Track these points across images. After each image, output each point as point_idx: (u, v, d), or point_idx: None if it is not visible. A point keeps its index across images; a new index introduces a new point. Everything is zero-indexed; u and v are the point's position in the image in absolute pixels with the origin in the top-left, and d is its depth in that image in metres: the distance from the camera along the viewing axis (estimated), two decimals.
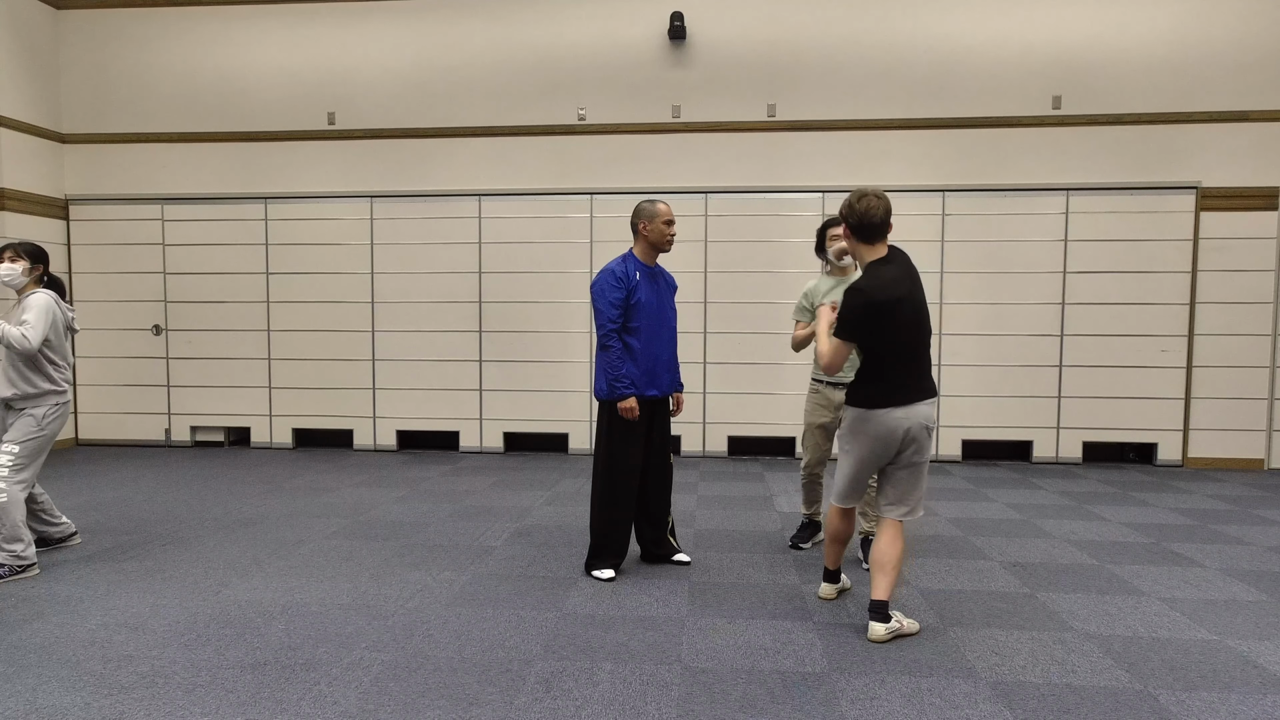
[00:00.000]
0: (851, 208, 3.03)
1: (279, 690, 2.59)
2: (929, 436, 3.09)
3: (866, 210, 3.00)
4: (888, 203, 3.04)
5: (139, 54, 7.34)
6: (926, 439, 3.08)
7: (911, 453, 3.07)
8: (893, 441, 3.07)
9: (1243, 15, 6.52)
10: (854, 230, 3.07)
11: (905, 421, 3.02)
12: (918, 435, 3.05)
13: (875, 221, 3.02)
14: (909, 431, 3.03)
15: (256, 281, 7.34)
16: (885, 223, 3.04)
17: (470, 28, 7.06)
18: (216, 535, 4.44)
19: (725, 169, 6.95)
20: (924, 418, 3.05)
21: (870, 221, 3.02)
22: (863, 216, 3.01)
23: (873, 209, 3.00)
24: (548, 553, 4.14)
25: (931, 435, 3.10)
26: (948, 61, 6.73)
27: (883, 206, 3.02)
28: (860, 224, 3.03)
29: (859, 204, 3.01)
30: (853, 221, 3.05)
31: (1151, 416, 6.72)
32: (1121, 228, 6.67)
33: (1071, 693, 2.62)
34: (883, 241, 3.09)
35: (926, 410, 3.06)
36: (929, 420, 3.07)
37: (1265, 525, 4.84)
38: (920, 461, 3.09)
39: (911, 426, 3.03)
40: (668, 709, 2.48)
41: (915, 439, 3.05)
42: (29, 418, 3.74)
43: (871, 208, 3.00)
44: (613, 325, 3.64)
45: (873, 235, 3.06)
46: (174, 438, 7.50)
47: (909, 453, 3.06)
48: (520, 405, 7.19)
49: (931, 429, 3.10)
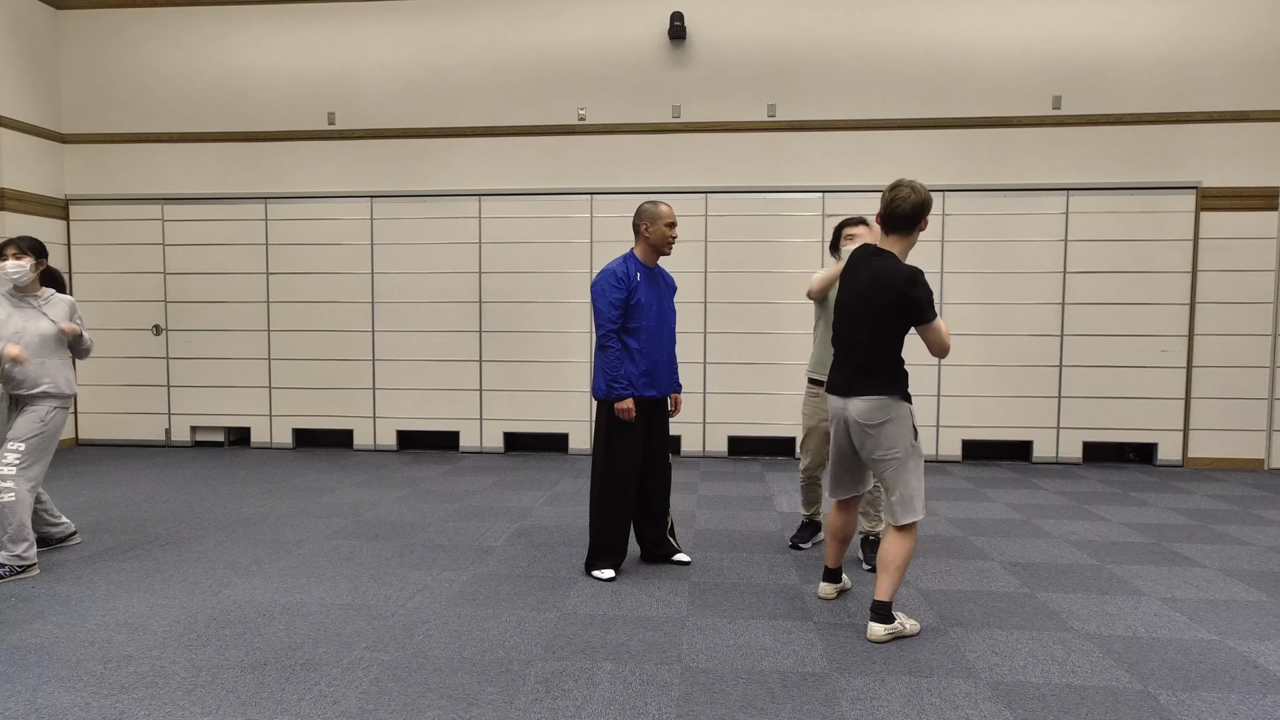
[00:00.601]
0: (885, 194, 3.02)
1: (279, 690, 2.59)
2: (867, 434, 2.98)
3: (894, 199, 2.98)
4: (922, 197, 2.95)
5: (139, 54, 7.34)
6: (866, 437, 2.99)
7: (863, 448, 3.03)
8: (840, 429, 3.09)
9: (1243, 15, 6.52)
10: (882, 218, 3.06)
11: (843, 411, 3.05)
12: (854, 431, 3.02)
13: (899, 213, 2.97)
14: (846, 423, 3.04)
15: (256, 281, 7.34)
16: (911, 217, 2.97)
17: (470, 28, 7.06)
18: (216, 535, 4.44)
19: (725, 169, 6.95)
20: (856, 412, 2.99)
21: (895, 212, 2.98)
22: (889, 205, 2.99)
23: (901, 200, 2.96)
24: (548, 553, 4.15)
25: (873, 434, 2.97)
26: (948, 61, 6.73)
27: (913, 200, 2.95)
28: (887, 212, 3.01)
29: (890, 192, 2.99)
30: (882, 208, 3.04)
31: (1151, 416, 6.72)
32: (1121, 228, 6.66)
33: (1071, 693, 2.62)
34: (901, 237, 3.03)
35: (858, 405, 2.98)
36: (861, 416, 2.97)
37: (1265, 525, 4.84)
38: (878, 459, 3.00)
39: (847, 418, 3.03)
40: (668, 709, 2.48)
41: (855, 433, 3.02)
42: (31, 414, 3.75)
43: (899, 198, 2.96)
44: (612, 325, 3.64)
45: (893, 226, 3.02)
46: (174, 438, 7.50)
47: (862, 448, 3.04)
48: (520, 405, 7.19)
49: (867, 426, 2.97)
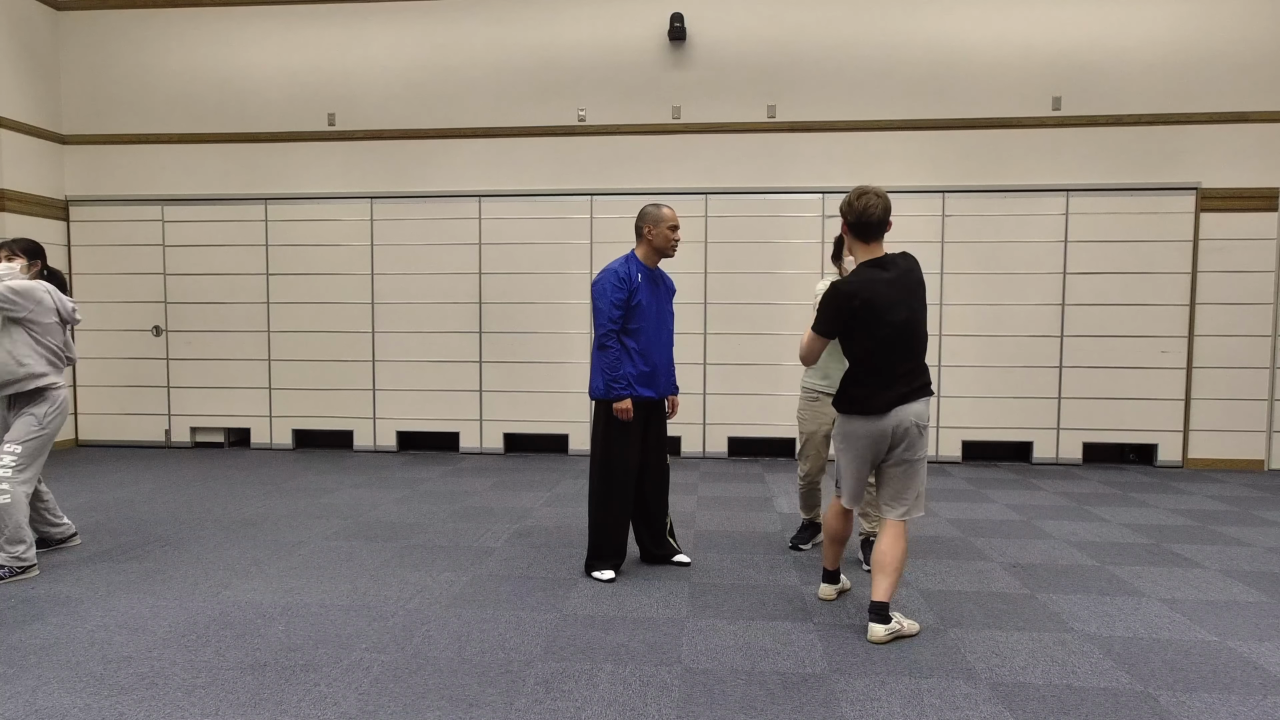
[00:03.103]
0: (850, 205, 2.99)
1: (279, 691, 2.58)
2: (920, 434, 3.03)
3: (865, 208, 2.96)
4: (887, 201, 2.99)
5: (139, 54, 7.34)
6: (918, 436, 3.03)
7: (903, 449, 3.03)
8: (883, 440, 3.04)
9: (1243, 16, 6.52)
10: (851, 227, 3.04)
11: (901, 419, 3.00)
12: (909, 435, 3.01)
13: (873, 220, 2.97)
14: (898, 428, 3.00)
15: (257, 282, 7.34)
16: (883, 222, 2.99)
17: (470, 28, 7.06)
18: (216, 536, 4.44)
19: (725, 170, 6.95)
20: (916, 415, 3.01)
21: (868, 219, 2.97)
22: (860, 214, 2.97)
23: (871, 207, 2.96)
24: (547, 554, 4.14)
25: (924, 433, 3.05)
26: (948, 62, 6.73)
27: (881, 205, 2.96)
28: (858, 221, 2.99)
29: (858, 201, 2.97)
30: (850, 219, 3.01)
31: (1151, 417, 6.72)
32: (1121, 228, 6.66)
33: (1071, 693, 2.62)
34: (878, 242, 3.05)
35: (918, 409, 3.02)
36: (920, 418, 3.02)
37: (1265, 526, 4.83)
38: (912, 459, 3.04)
39: (901, 423, 3.00)
40: (668, 710, 2.48)
41: (907, 435, 3.01)
42: (29, 416, 3.74)
43: (870, 205, 2.96)
44: (613, 325, 3.64)
45: (868, 234, 3.02)
46: (174, 439, 7.50)
47: (900, 449, 3.03)
48: (520, 406, 7.19)
49: (924, 426, 3.04)
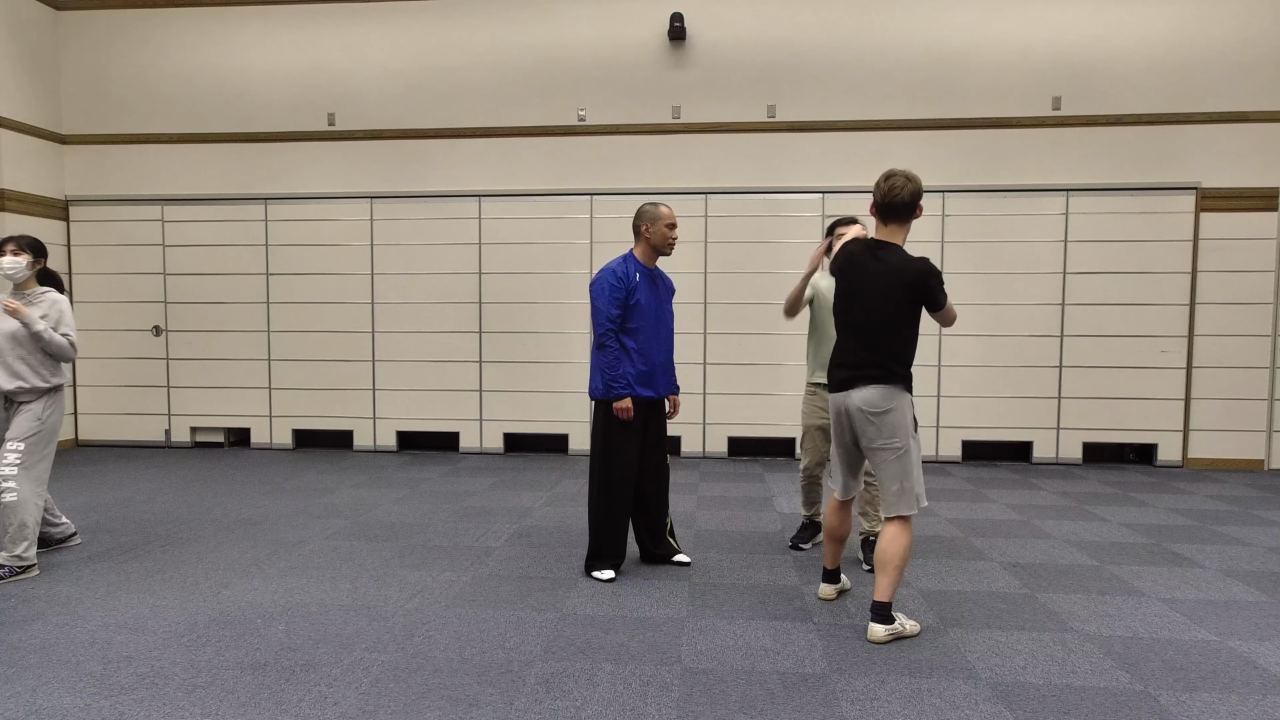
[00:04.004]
0: (878, 184, 2.98)
1: (279, 691, 2.59)
2: (869, 422, 2.96)
3: (891, 189, 2.94)
4: (917, 185, 2.94)
5: (139, 54, 7.34)
6: (867, 424, 2.97)
7: (862, 438, 3.02)
8: (841, 419, 3.07)
9: (1243, 15, 6.52)
10: (877, 207, 3.02)
11: (843, 403, 3.03)
12: (856, 420, 3.00)
13: (898, 202, 2.94)
14: (846, 412, 3.02)
15: (256, 282, 7.34)
16: (910, 205, 2.95)
17: (470, 28, 7.06)
18: (216, 536, 4.44)
19: (725, 170, 6.95)
20: (860, 400, 2.97)
21: (893, 200, 2.95)
22: (886, 194, 2.96)
23: (897, 189, 2.93)
24: (547, 554, 4.14)
25: (875, 422, 2.95)
26: (948, 62, 6.74)
27: (909, 189, 2.93)
28: (883, 202, 2.98)
29: (885, 182, 2.96)
30: (876, 198, 3.00)
31: (1151, 417, 6.72)
32: (1121, 228, 6.67)
33: (1071, 693, 2.62)
34: (899, 226, 3.01)
35: (865, 394, 2.96)
36: (867, 404, 2.95)
37: (1265, 526, 4.84)
38: (873, 448, 3.00)
39: (848, 408, 3.01)
40: (668, 710, 2.48)
41: (853, 421, 3.01)
42: (28, 412, 3.75)
43: (896, 187, 2.93)
44: (611, 325, 3.64)
45: (891, 215, 2.99)
46: (174, 438, 7.50)
47: (861, 438, 3.03)
48: (520, 406, 7.19)
49: (873, 414, 2.95)
